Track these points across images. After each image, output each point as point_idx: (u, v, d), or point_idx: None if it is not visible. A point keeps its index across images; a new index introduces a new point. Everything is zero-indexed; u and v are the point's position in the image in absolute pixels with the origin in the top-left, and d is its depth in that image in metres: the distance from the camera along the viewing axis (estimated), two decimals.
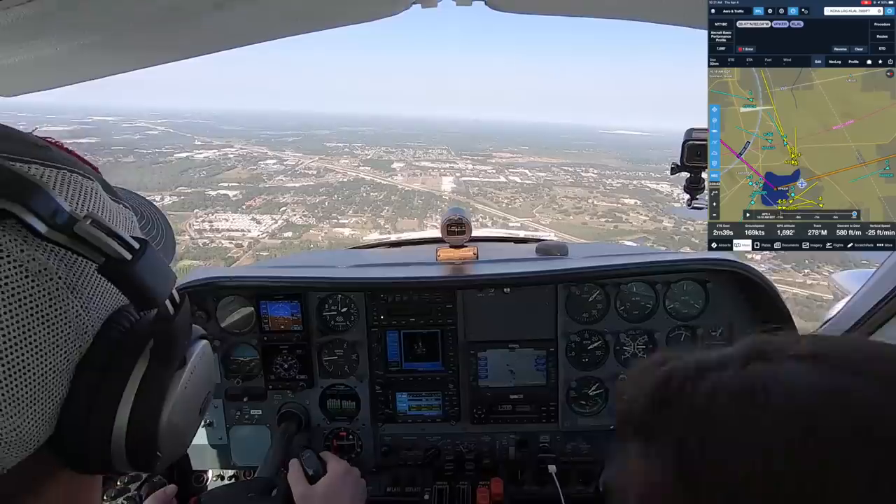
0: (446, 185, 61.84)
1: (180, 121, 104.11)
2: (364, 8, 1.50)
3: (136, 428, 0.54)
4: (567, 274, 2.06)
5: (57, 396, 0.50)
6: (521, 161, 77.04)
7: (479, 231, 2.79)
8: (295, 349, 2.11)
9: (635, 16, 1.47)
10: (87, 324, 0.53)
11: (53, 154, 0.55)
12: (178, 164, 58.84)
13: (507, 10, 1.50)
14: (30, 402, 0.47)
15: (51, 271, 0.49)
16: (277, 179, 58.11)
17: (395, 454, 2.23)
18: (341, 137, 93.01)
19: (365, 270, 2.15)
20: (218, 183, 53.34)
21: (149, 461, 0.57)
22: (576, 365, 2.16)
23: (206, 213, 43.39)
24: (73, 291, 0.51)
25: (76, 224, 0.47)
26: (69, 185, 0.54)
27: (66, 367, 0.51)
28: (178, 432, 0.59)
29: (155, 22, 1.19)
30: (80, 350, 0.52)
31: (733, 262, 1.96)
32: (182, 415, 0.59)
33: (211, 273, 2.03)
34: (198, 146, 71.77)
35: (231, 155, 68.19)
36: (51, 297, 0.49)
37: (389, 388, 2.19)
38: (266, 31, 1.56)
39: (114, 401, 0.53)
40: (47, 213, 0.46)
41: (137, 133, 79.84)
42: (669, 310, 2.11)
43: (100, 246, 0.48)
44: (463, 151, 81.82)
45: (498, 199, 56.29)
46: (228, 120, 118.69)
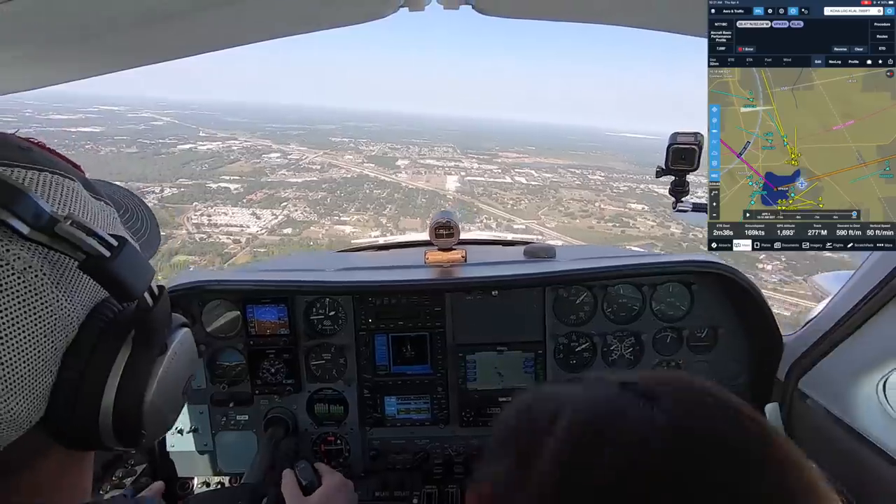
0: (451, 183, 61.46)
1: (186, 112, 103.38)
2: (351, 11, 1.49)
3: (121, 407, 0.59)
4: (555, 276, 2.07)
5: (46, 381, 0.55)
6: (527, 161, 76.82)
7: (471, 234, 2.79)
8: (282, 353, 2.09)
9: (623, 22, 1.47)
10: (72, 315, 0.57)
11: (35, 156, 0.60)
12: (181, 156, 58.09)
13: (494, 15, 1.50)
14: (21, 386, 0.52)
15: (35, 268, 0.53)
16: (280, 174, 57.53)
17: (383, 458, 2.21)
18: (346, 133, 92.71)
19: (353, 273, 2.14)
20: (220, 176, 52.89)
21: (135, 437, 0.62)
22: (564, 367, 2.16)
23: (205, 206, 42.93)
24: (56, 286, 0.55)
25: (56, 224, 0.52)
26: (51, 186, 0.59)
27: (54, 354, 0.55)
28: (161, 411, 0.64)
29: (141, 23, 1.18)
30: (67, 339, 0.57)
31: (717, 265, 1.98)
32: (164, 395, 0.64)
33: (196, 277, 2.00)
34: (202, 138, 71.19)
35: (235, 147, 67.51)
36: (36, 292, 0.53)
37: (378, 391, 2.17)
38: (253, 34, 1.55)
39: (100, 383, 0.58)
40: (29, 215, 0.50)
41: (142, 123, 79.40)
42: (656, 311, 2.13)
43: (79, 244, 0.53)
44: (468, 150, 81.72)
45: (503, 199, 55.98)
46: (234, 112, 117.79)
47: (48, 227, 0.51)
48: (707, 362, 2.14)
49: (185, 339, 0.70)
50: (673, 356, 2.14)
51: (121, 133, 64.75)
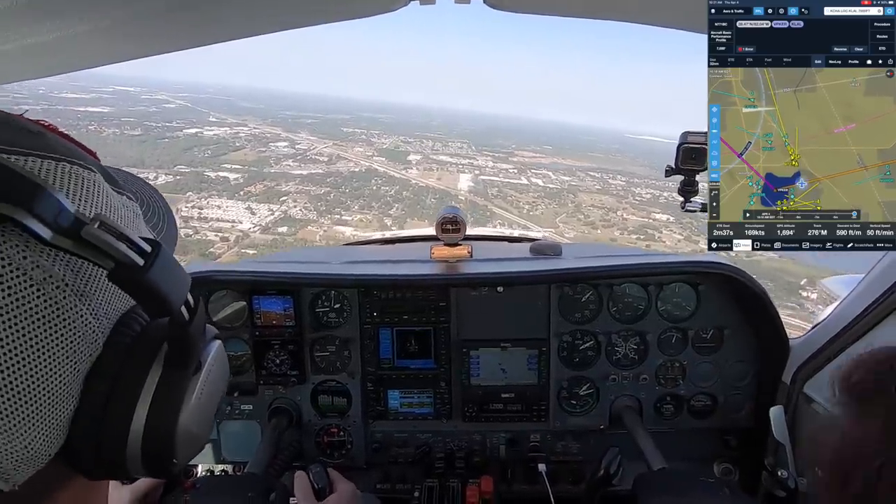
0: (463, 182, 58.51)
1: (201, 96, 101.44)
2: (362, 3, 1.49)
3: (152, 435, 0.52)
4: (560, 274, 2.06)
5: (67, 408, 0.48)
6: (545, 162, 73.84)
7: (478, 229, 2.79)
8: (287, 345, 2.11)
9: (634, 18, 1.45)
10: (97, 331, 0.50)
11: (50, 142, 0.51)
12: (185, 141, 56.65)
13: (503, 9, 1.49)
14: (40, 418, 0.45)
15: (57, 278, 0.46)
16: (284, 164, 55.32)
17: (385, 451, 2.23)
18: (360, 124, 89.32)
19: (359, 267, 2.15)
20: (221, 164, 50.89)
21: (165, 466, 0.55)
22: (567, 365, 2.16)
23: (198, 196, 40.87)
24: (81, 298, 0.48)
25: (83, 228, 0.43)
26: (71, 179, 0.51)
27: (76, 377, 0.48)
28: (194, 436, 0.57)
29: (154, 13, 1.19)
30: (91, 358, 0.50)
31: (724, 265, 1.97)
32: (198, 418, 0.57)
33: (204, 267, 2.02)
34: (211, 122, 69.39)
35: (242, 134, 65.54)
36: (58, 306, 0.46)
37: (381, 384, 2.19)
38: (262, 25, 1.55)
39: (128, 408, 0.51)
40: (51, 217, 0.42)
41: (154, 105, 77.35)
42: (661, 311, 2.11)
43: (109, 252, 0.44)
44: (483, 147, 78.90)
45: (518, 203, 52.61)
46: (251, 97, 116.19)
47: (74, 231, 0.43)
48: (712, 363, 2.12)
49: (219, 355, 0.62)
50: (678, 356, 2.13)
51: (129, 115, 63.43)
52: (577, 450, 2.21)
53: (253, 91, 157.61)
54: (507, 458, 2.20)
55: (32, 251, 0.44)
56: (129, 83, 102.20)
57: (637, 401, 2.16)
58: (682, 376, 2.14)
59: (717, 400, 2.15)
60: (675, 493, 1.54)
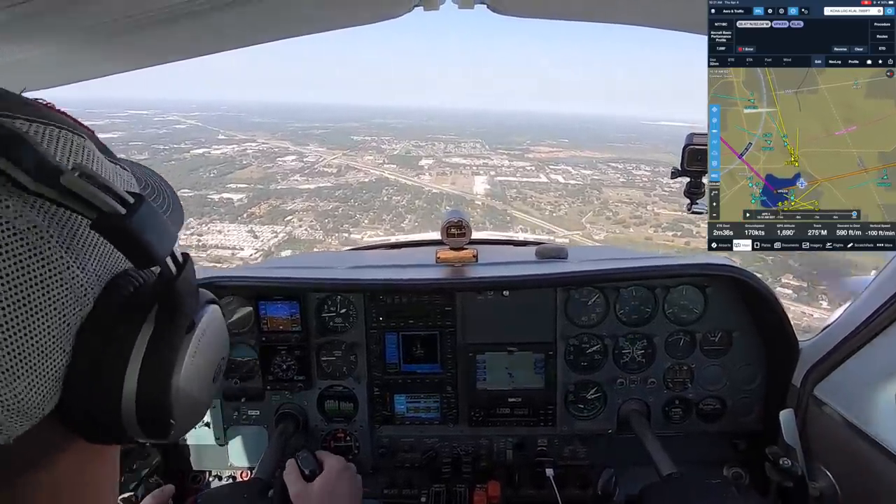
0: (479, 185, 55.25)
1: (213, 114, 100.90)
2: (366, 10, 1.51)
3: (145, 393, 0.52)
4: (566, 277, 2.06)
5: (58, 361, 0.48)
6: (563, 156, 69.27)
7: (483, 233, 2.78)
8: (293, 350, 2.11)
9: (634, 20, 1.46)
10: (86, 286, 0.50)
11: (42, 111, 0.52)
12: (191, 162, 55.61)
13: (507, 14, 1.50)
14: (27, 366, 0.45)
15: (41, 228, 0.46)
16: (292, 180, 53.37)
17: (392, 456, 2.22)
18: (370, 130, 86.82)
19: (364, 272, 2.15)
20: (226, 184, 49.56)
21: (162, 428, 0.55)
22: (574, 368, 2.15)
23: (199, 222, 39.70)
24: (67, 250, 0.48)
25: (62, 175, 0.44)
26: (57, 140, 0.51)
27: (66, 331, 0.48)
28: (191, 399, 0.57)
29: (156, 22, 1.21)
30: (81, 314, 0.50)
31: (732, 268, 1.95)
32: (194, 380, 0.57)
33: (210, 273, 2.04)
34: (220, 140, 68.26)
35: (250, 151, 64.35)
36: (42, 257, 0.46)
37: (387, 389, 2.19)
38: (266, 33, 1.57)
39: (120, 365, 0.51)
40: (31, 166, 0.43)
41: (165, 127, 76.45)
42: (668, 314, 2.10)
43: (90, 199, 0.45)
44: (498, 145, 75.73)
45: (539, 204, 48.79)
46: (261, 112, 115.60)
47: (53, 179, 0.44)
48: (720, 366, 2.11)
49: (214, 317, 0.62)
50: (685, 360, 2.11)
51: (139, 138, 62.21)
52: (584, 454, 2.20)
53: (267, 106, 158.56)
54: (514, 462, 2.18)
55: (14, 200, 0.44)
56: (142, 106, 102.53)
57: (645, 404, 2.14)
58: (691, 379, 2.13)
59: (726, 403, 2.13)
60: (682, 502, 1.53)
